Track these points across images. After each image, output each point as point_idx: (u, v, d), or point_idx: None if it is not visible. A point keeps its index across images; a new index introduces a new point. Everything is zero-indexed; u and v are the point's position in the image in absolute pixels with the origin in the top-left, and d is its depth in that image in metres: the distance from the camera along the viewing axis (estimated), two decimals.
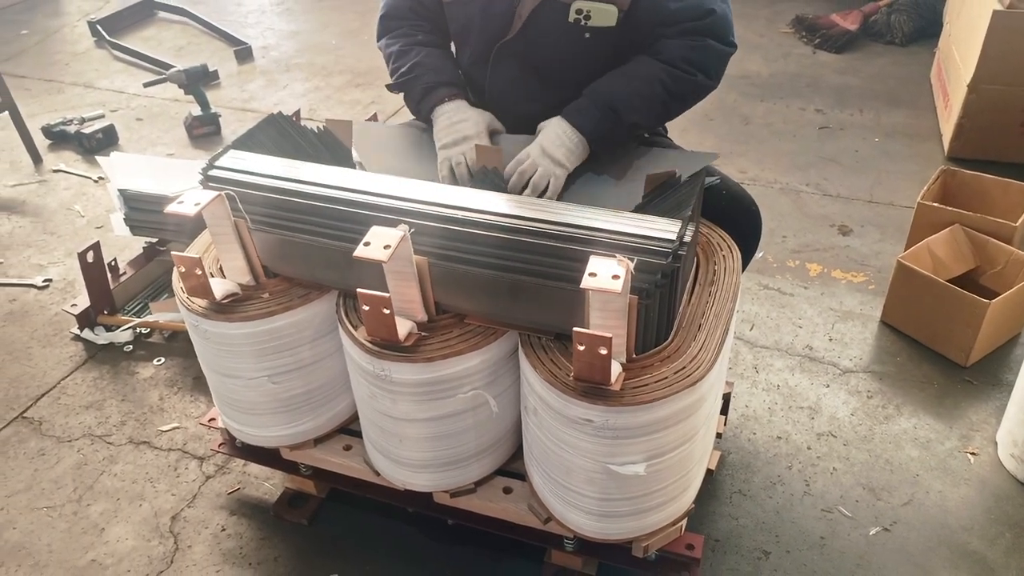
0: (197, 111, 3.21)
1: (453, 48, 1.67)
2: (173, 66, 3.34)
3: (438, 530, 1.63)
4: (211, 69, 3.48)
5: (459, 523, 1.51)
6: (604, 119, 1.42)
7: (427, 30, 1.61)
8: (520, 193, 1.41)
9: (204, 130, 3.22)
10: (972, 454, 1.80)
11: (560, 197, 1.43)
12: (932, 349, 2.06)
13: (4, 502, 1.75)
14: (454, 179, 1.48)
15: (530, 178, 1.42)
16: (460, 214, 1.25)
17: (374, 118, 2.61)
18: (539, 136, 1.45)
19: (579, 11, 1.42)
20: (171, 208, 1.26)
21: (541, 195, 1.41)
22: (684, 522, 1.40)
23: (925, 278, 2.00)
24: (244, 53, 3.91)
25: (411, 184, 1.34)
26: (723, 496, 1.71)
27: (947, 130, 2.96)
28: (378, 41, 1.64)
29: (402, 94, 1.60)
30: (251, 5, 4.60)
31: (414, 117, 1.64)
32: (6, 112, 2.96)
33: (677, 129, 1.60)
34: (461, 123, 1.49)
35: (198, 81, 3.22)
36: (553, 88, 1.53)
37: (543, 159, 1.42)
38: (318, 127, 1.59)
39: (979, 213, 2.11)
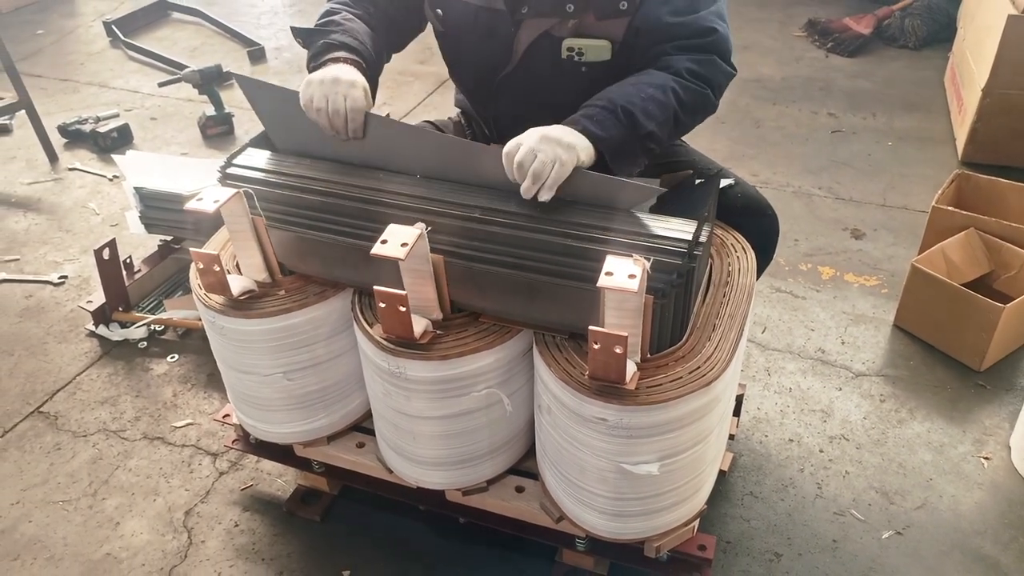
0: (211, 111, 3.23)
1: (451, 77, 1.65)
2: (187, 66, 3.36)
3: (449, 528, 1.63)
4: (225, 69, 3.49)
5: (471, 521, 1.52)
6: (618, 124, 1.25)
7: (371, 12, 1.49)
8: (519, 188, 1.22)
9: (218, 130, 3.24)
10: (985, 459, 1.79)
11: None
12: (945, 353, 2.05)
13: (20, 496, 1.77)
14: (328, 122, 1.31)
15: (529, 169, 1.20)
16: (476, 213, 1.26)
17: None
18: (533, 128, 1.24)
19: (571, 48, 1.39)
20: (190, 205, 1.27)
21: (540, 188, 1.20)
22: (696, 523, 1.40)
23: (939, 282, 2.00)
24: (257, 54, 3.93)
25: (427, 183, 1.34)
26: (735, 498, 1.71)
27: (961, 135, 2.95)
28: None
29: (307, 51, 1.43)
30: (264, 6, 4.62)
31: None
32: (23, 111, 2.98)
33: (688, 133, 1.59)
34: (341, 70, 1.33)
35: (212, 81, 3.24)
36: (557, 117, 1.52)
37: (544, 144, 1.20)
38: None
39: (994, 218, 2.10)
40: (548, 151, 1.20)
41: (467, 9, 1.44)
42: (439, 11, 1.49)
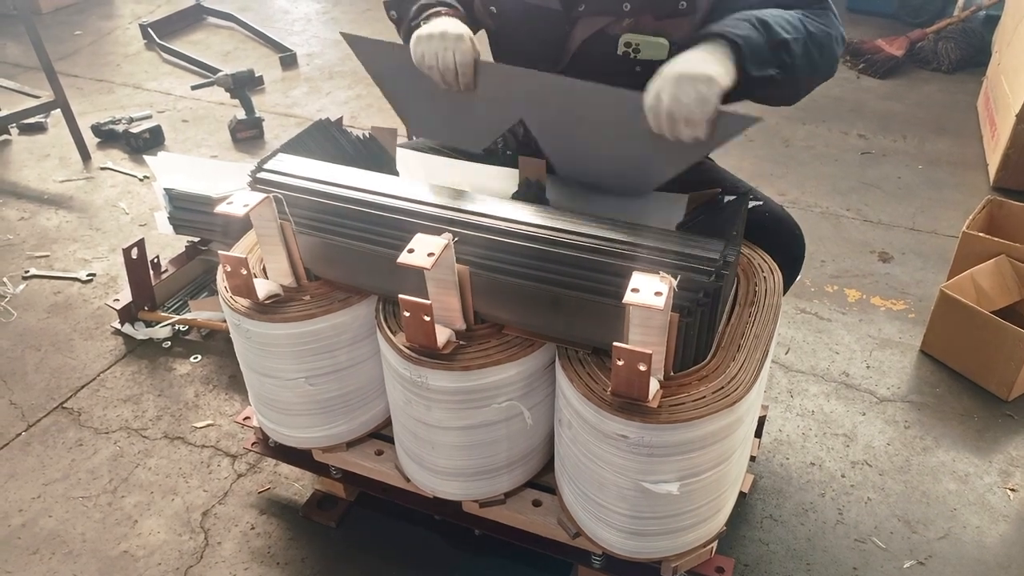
0: (242, 115, 3.27)
1: None
2: (220, 70, 3.41)
3: (465, 540, 1.63)
4: (257, 74, 3.54)
5: (486, 534, 1.51)
6: (753, 29, 1.18)
7: None
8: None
9: (248, 134, 3.27)
10: (1012, 490, 1.75)
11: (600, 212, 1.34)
12: (973, 381, 2.02)
13: (41, 490, 1.79)
14: (440, 77, 1.33)
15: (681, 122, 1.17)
16: (503, 224, 1.26)
17: None
18: (666, 67, 1.19)
19: (628, 44, 1.36)
20: (221, 208, 1.28)
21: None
22: (715, 544, 1.38)
23: (968, 309, 1.97)
24: (289, 60, 3.98)
25: (455, 193, 1.35)
26: (754, 520, 1.69)
27: (993, 160, 2.91)
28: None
29: (395, 19, 1.47)
30: (297, 13, 4.68)
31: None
32: (58, 110, 3.04)
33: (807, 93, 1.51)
34: (447, 24, 1.33)
35: (244, 86, 3.28)
36: None
37: (685, 86, 1.15)
38: (363, 134, 1.61)
39: None
40: (690, 92, 1.15)
41: (521, 7, 1.43)
42: (493, 8, 1.47)
